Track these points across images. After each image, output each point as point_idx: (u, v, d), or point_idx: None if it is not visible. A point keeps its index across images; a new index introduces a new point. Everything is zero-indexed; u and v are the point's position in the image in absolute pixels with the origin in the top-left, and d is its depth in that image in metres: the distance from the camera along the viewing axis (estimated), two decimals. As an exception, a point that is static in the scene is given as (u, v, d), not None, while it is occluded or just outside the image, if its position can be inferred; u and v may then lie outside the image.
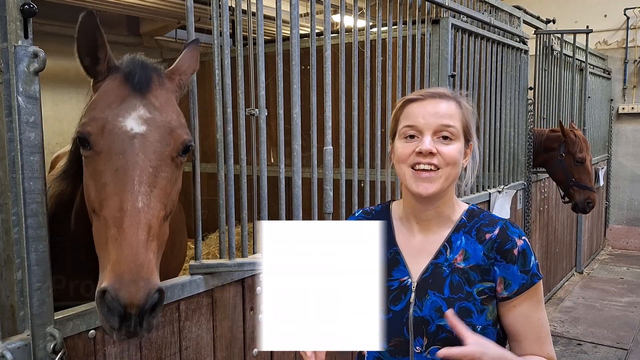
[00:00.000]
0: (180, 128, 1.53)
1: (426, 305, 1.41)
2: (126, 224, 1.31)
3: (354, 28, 2.71)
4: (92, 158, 1.44)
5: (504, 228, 1.43)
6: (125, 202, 1.34)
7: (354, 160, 2.76)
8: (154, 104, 1.51)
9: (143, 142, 1.43)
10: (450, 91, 1.49)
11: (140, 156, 1.41)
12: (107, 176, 1.39)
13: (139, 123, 1.45)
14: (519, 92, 4.60)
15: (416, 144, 1.39)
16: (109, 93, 1.51)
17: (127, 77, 1.52)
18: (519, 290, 1.40)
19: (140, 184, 1.37)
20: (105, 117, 1.44)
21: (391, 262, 1.50)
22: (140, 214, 1.34)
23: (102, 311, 1.28)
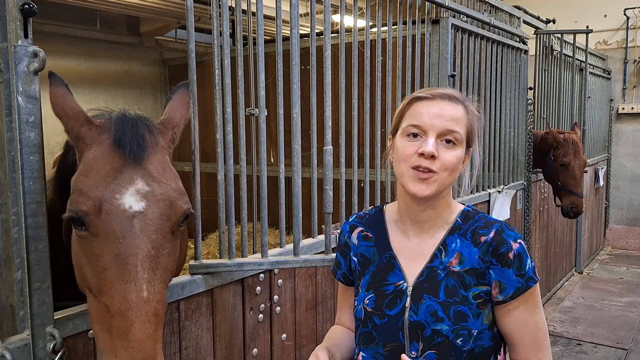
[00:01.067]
0: (180, 199, 1.42)
1: (421, 310, 1.39)
2: (132, 317, 1.26)
3: (354, 28, 2.71)
4: (87, 239, 1.32)
5: (499, 231, 1.41)
6: (130, 293, 1.27)
7: (354, 160, 2.76)
8: (152, 173, 1.39)
9: (143, 221, 1.33)
10: (459, 94, 1.47)
11: (142, 238, 1.32)
12: (106, 261, 1.29)
13: (137, 199, 1.34)
14: (518, 92, 4.60)
15: (419, 145, 1.37)
16: (101, 163, 1.36)
17: (119, 143, 1.38)
18: (515, 294, 1.38)
19: (144, 271, 1.30)
20: (102, 195, 1.31)
21: (386, 266, 1.48)
22: (146, 305, 1.28)
23: None
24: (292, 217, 2.27)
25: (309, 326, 2.54)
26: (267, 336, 2.32)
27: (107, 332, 1.29)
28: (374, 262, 1.50)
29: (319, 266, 2.48)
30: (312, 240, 2.53)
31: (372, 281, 1.48)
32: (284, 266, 2.18)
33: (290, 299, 2.43)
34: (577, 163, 4.83)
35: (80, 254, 1.36)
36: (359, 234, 1.56)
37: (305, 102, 2.36)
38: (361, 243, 1.55)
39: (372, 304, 1.45)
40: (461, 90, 3.57)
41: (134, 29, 5.71)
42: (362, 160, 2.91)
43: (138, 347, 1.24)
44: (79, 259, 1.37)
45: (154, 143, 1.46)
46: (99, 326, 1.33)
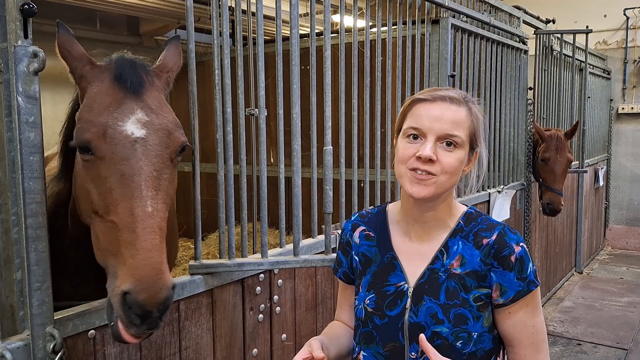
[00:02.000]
0: (177, 130, 1.54)
1: (422, 311, 1.39)
2: (139, 229, 1.36)
3: (353, 28, 2.71)
4: (93, 163, 1.44)
5: (501, 233, 1.40)
6: (136, 208, 1.38)
7: (354, 160, 2.76)
8: (150, 106, 1.52)
9: (145, 146, 1.45)
10: (461, 95, 1.44)
11: (144, 161, 1.43)
12: (112, 181, 1.41)
13: (138, 127, 1.46)
14: (518, 92, 4.60)
15: (418, 147, 1.35)
16: (103, 96, 1.49)
17: (118, 78, 1.51)
18: (515, 298, 1.37)
19: (148, 189, 1.41)
20: (105, 122, 1.43)
21: (388, 266, 1.47)
22: (151, 219, 1.38)
23: (123, 309, 1.33)
24: (292, 217, 2.27)
25: (309, 326, 2.54)
26: (267, 336, 2.32)
27: (115, 247, 1.38)
28: (376, 262, 1.50)
29: (318, 266, 2.48)
30: (312, 240, 2.53)
31: (373, 281, 1.48)
32: (284, 266, 2.18)
33: (290, 299, 2.43)
34: (559, 160, 4.75)
35: (86, 180, 1.47)
36: (361, 233, 1.56)
37: (305, 102, 2.36)
38: (363, 242, 1.54)
39: (372, 304, 1.45)
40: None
41: (134, 29, 5.72)
42: (362, 160, 2.91)
43: (145, 255, 1.33)
44: (85, 185, 1.47)
45: (151, 81, 1.59)
46: (107, 247, 1.42)
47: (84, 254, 1.67)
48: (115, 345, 1.72)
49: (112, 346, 1.71)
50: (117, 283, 1.34)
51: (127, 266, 1.33)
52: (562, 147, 4.78)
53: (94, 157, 1.43)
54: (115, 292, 1.34)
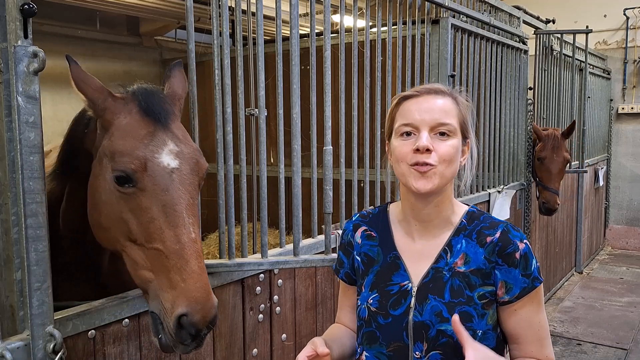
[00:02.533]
0: (201, 157, 1.66)
1: (426, 310, 1.39)
2: (188, 255, 1.47)
3: (353, 28, 2.71)
4: (133, 195, 1.51)
5: (505, 231, 1.41)
6: (182, 235, 1.48)
7: (354, 160, 2.76)
8: (178, 136, 1.62)
9: (180, 176, 1.55)
10: (446, 87, 1.47)
11: (182, 190, 1.53)
12: (155, 211, 1.49)
13: (172, 158, 1.55)
14: (518, 92, 4.60)
15: (413, 141, 1.36)
16: (135, 128, 1.56)
17: (146, 110, 1.59)
18: (521, 294, 1.38)
19: (188, 216, 1.52)
20: (144, 155, 1.52)
21: (391, 266, 1.47)
22: (195, 244, 1.50)
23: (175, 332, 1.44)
24: (292, 217, 2.27)
25: (309, 326, 2.54)
26: (267, 336, 2.32)
27: (161, 273, 1.47)
28: (378, 261, 1.50)
29: (318, 266, 2.48)
30: (312, 240, 2.52)
31: (376, 281, 1.48)
32: (284, 266, 2.18)
33: (290, 299, 2.43)
34: (555, 159, 4.77)
35: (124, 210, 1.53)
36: (362, 233, 1.56)
37: (305, 102, 2.36)
38: (365, 242, 1.54)
39: (376, 304, 1.45)
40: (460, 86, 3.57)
41: (134, 29, 5.71)
42: (362, 160, 2.91)
43: (196, 279, 1.45)
44: (122, 216, 1.54)
45: (172, 111, 1.68)
46: (147, 270, 1.51)
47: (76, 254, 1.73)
48: (115, 345, 1.72)
49: (112, 346, 1.71)
50: (168, 306, 1.44)
51: (179, 290, 1.43)
52: (559, 147, 4.79)
53: (134, 189, 1.50)
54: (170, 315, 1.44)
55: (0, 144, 1.44)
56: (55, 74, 4.76)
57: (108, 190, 1.55)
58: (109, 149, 1.55)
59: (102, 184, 1.57)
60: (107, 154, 1.55)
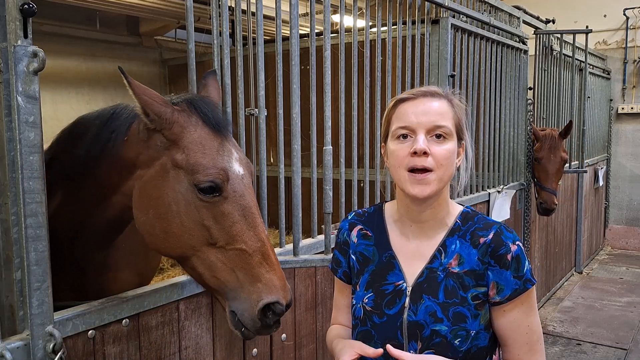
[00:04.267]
0: (250, 163, 1.78)
1: (420, 310, 1.40)
2: (268, 249, 1.64)
3: (353, 28, 2.72)
4: (217, 203, 1.62)
5: (498, 232, 1.41)
6: (260, 233, 1.65)
7: (354, 160, 2.76)
8: (236, 145, 1.75)
9: (247, 181, 1.70)
10: (441, 89, 1.48)
11: (251, 194, 1.69)
12: (236, 215, 1.63)
13: (239, 165, 1.69)
14: (518, 92, 4.60)
15: (410, 144, 1.37)
16: (208, 141, 1.66)
17: (211, 122, 1.68)
18: (511, 296, 1.38)
19: (259, 217, 1.68)
20: (225, 166, 1.64)
21: (386, 265, 1.48)
22: (267, 241, 1.66)
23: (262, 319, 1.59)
24: (292, 217, 2.27)
25: (309, 326, 2.54)
26: (266, 336, 2.32)
27: (243, 270, 1.60)
28: (374, 261, 1.51)
29: (318, 266, 2.48)
30: (311, 240, 2.53)
31: (372, 280, 1.49)
32: (284, 266, 2.18)
33: (290, 299, 2.42)
34: (553, 159, 4.79)
35: (206, 218, 1.62)
36: (358, 232, 1.57)
37: (305, 102, 2.36)
38: (360, 241, 1.55)
39: (371, 303, 1.46)
40: (461, 90, 3.58)
41: (134, 29, 5.71)
42: (362, 160, 2.91)
43: (277, 269, 1.65)
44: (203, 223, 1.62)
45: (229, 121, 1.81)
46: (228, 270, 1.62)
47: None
48: (115, 345, 1.72)
49: (112, 346, 1.71)
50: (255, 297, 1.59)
51: (265, 281, 1.60)
52: (556, 147, 4.80)
53: (219, 198, 1.62)
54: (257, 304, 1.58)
55: (0, 143, 1.44)
56: (55, 73, 4.78)
57: (184, 201, 1.62)
58: (185, 161, 1.62)
59: (172, 194, 1.62)
60: (182, 167, 1.62)
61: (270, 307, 1.59)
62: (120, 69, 1.60)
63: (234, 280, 1.61)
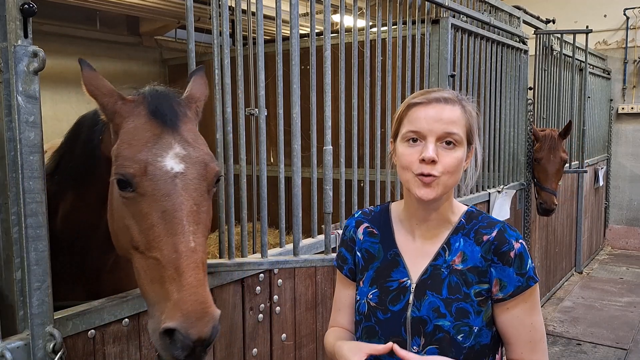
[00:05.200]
0: (212, 161, 1.57)
1: (424, 306, 1.41)
2: (184, 265, 1.38)
3: (353, 28, 2.71)
4: (134, 200, 1.45)
5: (501, 230, 1.43)
6: (180, 244, 1.40)
7: (354, 160, 2.76)
8: (187, 139, 1.54)
9: (184, 181, 1.47)
10: (454, 94, 1.48)
11: (185, 196, 1.45)
12: (154, 218, 1.42)
13: (177, 162, 1.48)
14: (518, 92, 4.60)
15: (419, 150, 1.38)
16: (141, 131, 1.51)
17: (154, 112, 1.54)
18: (514, 293, 1.40)
19: (189, 224, 1.43)
20: (146, 158, 1.45)
21: (391, 263, 1.50)
22: (194, 254, 1.41)
23: (164, 345, 1.35)
24: (292, 217, 2.27)
25: (309, 326, 2.54)
26: (266, 336, 2.32)
27: (158, 283, 1.39)
28: (379, 258, 1.53)
29: (318, 266, 2.48)
30: (311, 240, 2.53)
31: (376, 276, 1.51)
32: (284, 266, 2.18)
33: (290, 299, 2.43)
34: (552, 159, 4.79)
35: (127, 216, 1.47)
36: (364, 229, 1.58)
37: (305, 102, 2.36)
38: (366, 239, 1.57)
39: (375, 299, 1.48)
40: (461, 90, 3.58)
41: (134, 29, 5.71)
42: (362, 160, 2.91)
43: (191, 291, 1.35)
44: (124, 222, 1.48)
45: (184, 113, 1.62)
46: (148, 280, 1.43)
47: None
48: (115, 345, 1.72)
49: (112, 346, 1.71)
50: (161, 318, 1.35)
51: (173, 302, 1.34)
52: (556, 147, 4.81)
53: (135, 194, 1.44)
54: (158, 326, 1.35)
55: (0, 143, 1.44)
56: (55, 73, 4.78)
57: (115, 196, 1.51)
58: (115, 152, 1.51)
59: (111, 189, 1.54)
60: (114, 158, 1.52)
61: (173, 335, 1.33)
62: (80, 60, 1.58)
63: (151, 293, 1.42)
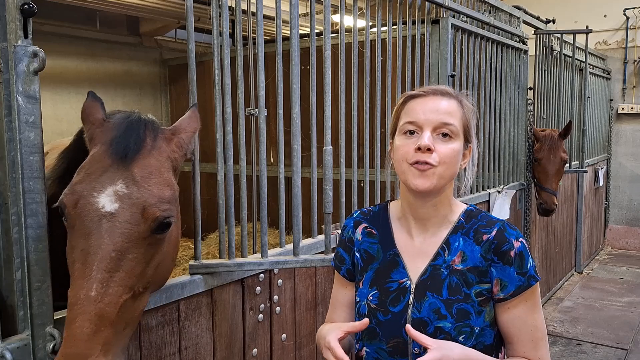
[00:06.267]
0: (156, 205, 1.42)
1: (424, 307, 1.40)
2: (75, 313, 1.28)
3: (353, 28, 2.71)
4: (68, 229, 1.39)
5: (501, 229, 1.42)
6: (80, 289, 1.30)
7: (354, 160, 2.76)
8: (135, 177, 1.43)
9: (112, 222, 1.36)
10: (452, 89, 1.49)
11: (105, 239, 1.34)
12: (76, 254, 1.35)
13: (112, 200, 1.38)
14: (518, 92, 4.60)
15: (416, 140, 1.38)
16: (94, 161, 1.44)
17: (113, 143, 1.45)
18: (515, 292, 1.39)
19: (99, 271, 1.31)
20: (81, 190, 1.38)
21: (390, 263, 1.49)
22: (91, 304, 1.29)
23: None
24: (292, 217, 2.27)
25: (309, 326, 2.54)
26: (267, 336, 2.32)
27: None
28: (378, 259, 1.52)
29: (318, 266, 2.48)
30: (312, 240, 2.53)
31: (376, 278, 1.50)
32: (284, 266, 2.18)
33: (290, 299, 2.43)
34: (552, 160, 4.80)
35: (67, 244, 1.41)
36: (363, 230, 1.58)
37: (305, 102, 2.36)
38: (365, 239, 1.56)
39: (375, 300, 1.47)
40: (460, 90, 3.58)
41: (134, 29, 5.71)
42: (362, 160, 2.91)
43: (71, 342, 1.25)
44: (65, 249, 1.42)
45: (152, 147, 1.50)
46: None
47: None
48: (115, 345, 1.72)
49: (112, 346, 1.71)
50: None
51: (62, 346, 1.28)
52: (556, 147, 4.81)
53: (68, 225, 1.39)
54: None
55: (0, 143, 1.44)
56: (55, 73, 4.78)
57: None
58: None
59: None
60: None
61: None
62: (89, 92, 1.56)
63: None
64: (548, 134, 4.87)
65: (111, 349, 1.33)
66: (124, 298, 1.35)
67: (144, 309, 1.53)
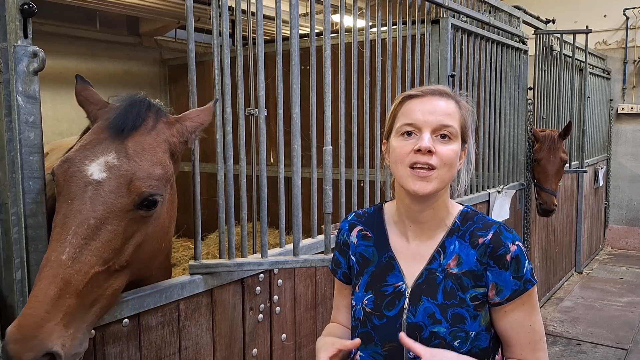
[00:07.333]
0: (143, 180, 1.43)
1: (419, 312, 1.39)
2: (42, 274, 1.26)
3: (353, 28, 2.71)
4: (57, 197, 1.41)
5: (497, 232, 1.40)
6: (52, 252, 1.29)
7: (354, 160, 2.76)
8: (128, 151, 1.45)
9: (96, 191, 1.37)
10: (450, 90, 1.46)
11: (87, 205, 1.35)
12: (58, 219, 1.36)
13: (101, 170, 1.39)
14: (518, 92, 4.60)
15: (414, 142, 1.35)
16: (92, 133, 1.49)
17: (113, 119, 1.49)
18: (511, 297, 1.37)
19: (74, 236, 1.31)
20: (73, 158, 1.41)
21: (386, 267, 1.47)
22: (60, 267, 1.27)
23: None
24: (292, 217, 2.27)
25: (309, 326, 2.54)
26: (266, 336, 2.32)
27: None
28: (373, 262, 1.50)
29: (318, 266, 2.48)
30: (311, 240, 2.53)
31: (371, 281, 1.48)
32: (284, 266, 2.18)
33: (290, 299, 2.43)
34: (552, 160, 4.80)
35: None
36: (358, 233, 1.56)
37: (305, 102, 2.36)
38: (360, 242, 1.54)
39: (371, 305, 1.45)
40: (460, 90, 3.58)
41: (134, 29, 5.71)
42: (362, 160, 2.91)
43: (32, 304, 1.23)
44: None
45: (152, 127, 1.55)
46: None
47: None
48: (115, 345, 1.72)
49: (112, 346, 1.71)
50: None
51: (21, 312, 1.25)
52: (555, 148, 4.81)
53: (56, 191, 1.42)
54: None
55: (0, 143, 1.44)
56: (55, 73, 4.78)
57: None
58: None
59: None
60: None
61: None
62: (76, 76, 1.60)
63: None
64: (548, 134, 4.87)
65: (73, 322, 1.29)
66: (96, 270, 1.33)
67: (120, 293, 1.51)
